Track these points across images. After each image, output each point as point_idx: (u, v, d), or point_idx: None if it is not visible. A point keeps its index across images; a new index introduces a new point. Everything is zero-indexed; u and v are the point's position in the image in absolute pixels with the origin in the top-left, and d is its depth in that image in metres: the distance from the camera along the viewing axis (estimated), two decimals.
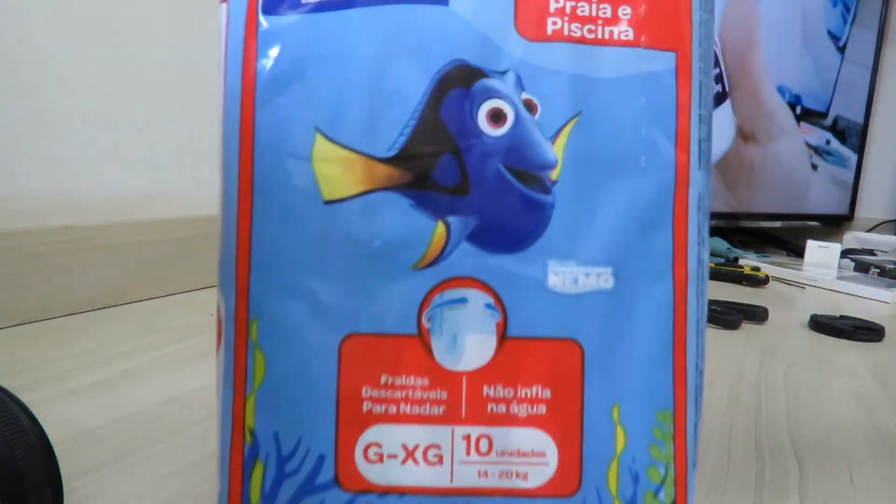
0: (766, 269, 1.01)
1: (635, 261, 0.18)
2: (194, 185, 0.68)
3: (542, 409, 0.18)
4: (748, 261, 1.07)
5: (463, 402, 0.18)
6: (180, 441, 0.33)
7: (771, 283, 0.95)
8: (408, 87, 0.18)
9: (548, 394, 0.18)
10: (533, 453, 0.18)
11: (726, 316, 0.65)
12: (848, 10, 1.30)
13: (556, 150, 0.18)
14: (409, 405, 0.18)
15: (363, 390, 0.17)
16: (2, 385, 0.23)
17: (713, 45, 0.19)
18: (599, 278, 0.18)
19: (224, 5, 0.19)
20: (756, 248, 1.31)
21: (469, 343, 0.18)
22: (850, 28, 1.31)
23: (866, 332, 0.63)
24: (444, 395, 0.18)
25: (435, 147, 0.18)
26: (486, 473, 0.18)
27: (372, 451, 0.18)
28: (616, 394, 0.18)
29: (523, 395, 0.18)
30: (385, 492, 0.17)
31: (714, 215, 1.18)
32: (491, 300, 0.18)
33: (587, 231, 0.18)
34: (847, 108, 1.35)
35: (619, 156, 0.18)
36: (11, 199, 0.52)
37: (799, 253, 1.24)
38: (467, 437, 0.18)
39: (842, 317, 0.68)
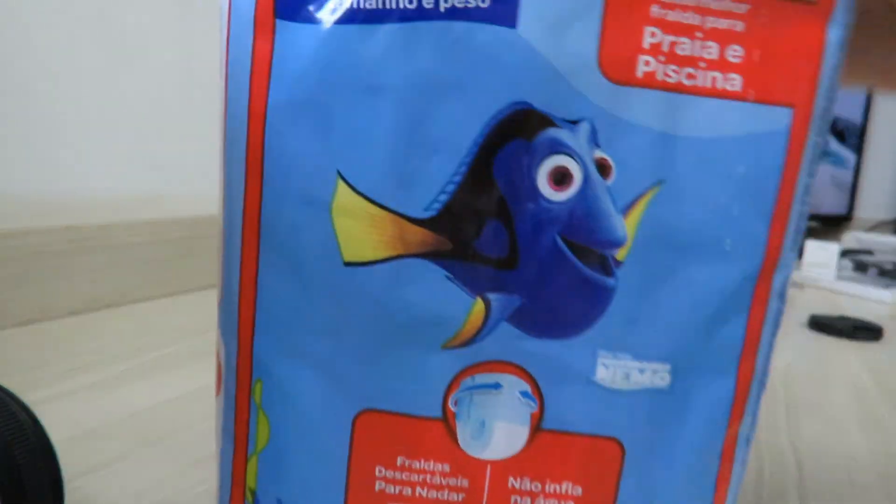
0: None
1: (698, 357, 0.16)
2: (194, 185, 0.68)
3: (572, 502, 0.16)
4: None
5: (485, 491, 0.16)
6: (180, 441, 0.33)
7: None
8: (455, 132, 0.14)
9: (579, 491, 0.16)
10: None
11: None
12: None
13: (627, 226, 0.15)
14: (426, 489, 0.16)
15: (377, 469, 0.16)
16: (2, 385, 0.23)
17: (836, 96, 0.15)
18: (655, 375, 0.16)
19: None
20: None
21: (498, 431, 0.16)
22: None
23: (865, 331, 0.63)
24: (466, 483, 0.16)
25: (482, 210, 0.14)
26: None
27: None
28: (652, 496, 0.16)
29: (551, 490, 0.16)
30: None
31: None
32: (528, 388, 0.16)
33: (649, 321, 0.15)
34: (846, 108, 1.35)
35: (700, 236, 0.15)
36: (11, 199, 0.52)
37: (798, 253, 1.24)
38: None
39: (841, 317, 0.68)
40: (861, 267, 1.02)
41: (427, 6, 0.14)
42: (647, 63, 0.14)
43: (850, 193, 1.39)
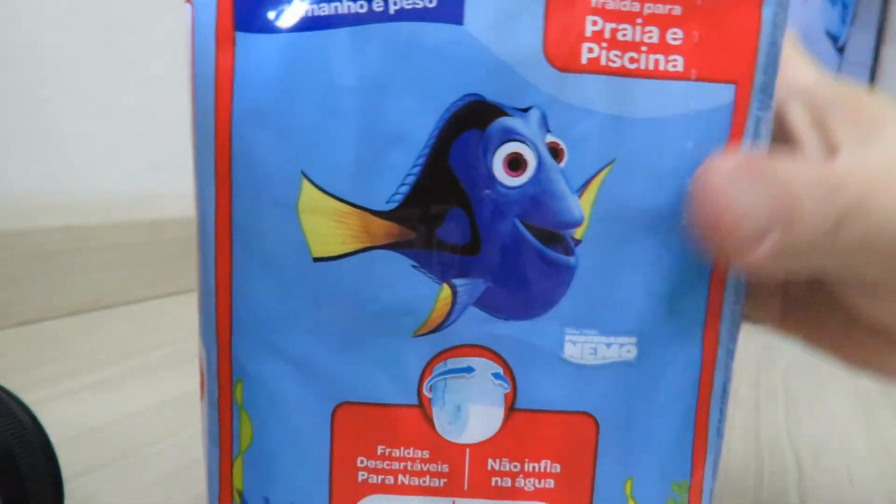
0: None
1: (663, 328, 0.16)
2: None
3: (551, 483, 0.16)
4: None
5: (466, 475, 0.16)
6: (180, 441, 0.33)
7: None
8: (411, 126, 0.15)
9: (557, 468, 0.16)
10: None
11: None
12: (847, 10, 1.30)
13: (583, 205, 0.15)
14: (407, 476, 0.16)
15: (358, 460, 0.16)
16: (2, 385, 0.23)
17: (777, 70, 0.16)
18: (622, 349, 0.16)
19: (189, 9, 0.15)
20: None
21: (473, 415, 0.16)
22: (848, 28, 1.31)
23: None
24: (446, 468, 0.16)
25: (442, 199, 0.15)
26: None
27: None
28: (630, 468, 0.17)
29: (531, 469, 0.16)
30: None
31: None
32: (500, 370, 0.16)
33: (612, 296, 0.16)
34: None
35: (655, 210, 0.15)
36: (11, 199, 0.52)
37: None
38: None
39: None
40: None
41: (377, 9, 0.14)
42: (590, 50, 0.15)
43: None
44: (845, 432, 0.40)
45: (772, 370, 0.51)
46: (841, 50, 1.31)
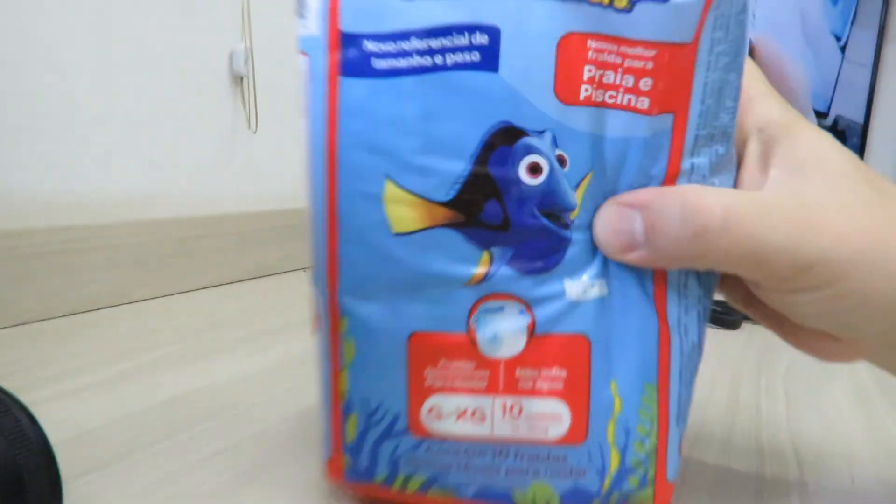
0: None
1: (625, 271, 0.24)
2: (194, 185, 0.69)
3: (560, 384, 0.24)
4: None
5: (500, 380, 0.24)
6: (180, 441, 0.33)
7: None
8: (461, 143, 0.22)
9: (564, 373, 0.24)
10: (552, 416, 0.24)
11: (726, 316, 0.65)
12: (848, 9, 1.30)
13: (577, 196, 0.23)
14: (460, 381, 0.24)
15: (426, 371, 0.24)
16: (2, 385, 0.23)
17: (725, 98, 0.22)
18: (602, 288, 0.23)
19: (304, 59, 0.22)
20: None
21: (505, 340, 0.23)
22: (850, 28, 1.31)
23: None
24: (486, 375, 0.24)
25: (483, 193, 0.22)
26: (517, 428, 0.24)
27: (434, 412, 0.24)
28: (613, 372, 0.24)
29: (545, 375, 0.24)
30: (443, 439, 0.24)
31: None
32: (523, 308, 0.23)
33: (592, 256, 0.23)
34: (847, 107, 1.35)
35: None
36: (12, 199, 0.52)
37: None
38: (503, 405, 0.24)
39: None
40: None
41: (438, 63, 0.21)
42: (586, 90, 0.21)
43: None
44: (846, 432, 0.40)
45: (773, 370, 0.51)
46: (843, 49, 1.31)
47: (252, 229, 0.74)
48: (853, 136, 1.38)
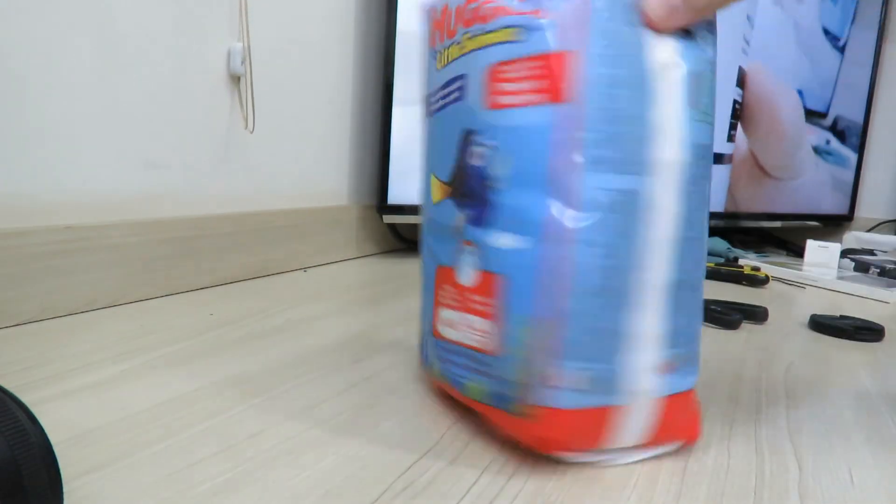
0: (766, 269, 1.01)
1: (530, 229, 0.32)
2: (191, 185, 0.68)
3: (489, 308, 0.33)
4: (748, 261, 1.07)
5: (462, 299, 0.35)
6: (180, 441, 0.33)
7: (771, 283, 0.95)
8: (449, 145, 0.36)
9: (493, 301, 0.33)
10: (482, 330, 0.34)
11: (726, 316, 0.65)
12: (848, 9, 1.30)
13: (501, 169, 0.33)
14: (449, 299, 0.37)
15: (439, 291, 0.38)
16: (2, 385, 0.23)
17: (618, 95, 0.30)
18: (515, 240, 0.32)
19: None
20: (756, 248, 1.31)
21: (468, 273, 0.35)
22: (849, 28, 1.31)
23: (866, 332, 0.63)
24: (457, 295, 0.36)
25: (461, 176, 0.35)
26: (467, 337, 0.35)
27: (440, 321, 0.38)
28: (526, 310, 0.32)
29: (481, 300, 0.34)
30: (444, 340, 0.37)
31: (714, 215, 1.18)
32: (475, 250, 0.34)
33: (514, 217, 0.32)
34: (847, 107, 1.35)
35: (521, 170, 0.32)
36: (11, 199, 0.52)
37: (799, 253, 1.24)
38: (463, 319, 0.35)
39: (842, 317, 0.68)
40: (862, 267, 1.02)
41: (444, 104, 0.37)
42: (504, 100, 0.32)
43: (851, 193, 1.39)
44: (846, 432, 0.40)
45: (773, 371, 0.51)
46: (842, 49, 1.31)
47: (250, 229, 0.74)
48: (853, 136, 1.38)
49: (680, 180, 0.31)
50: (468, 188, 0.34)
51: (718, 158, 1.16)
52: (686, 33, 0.32)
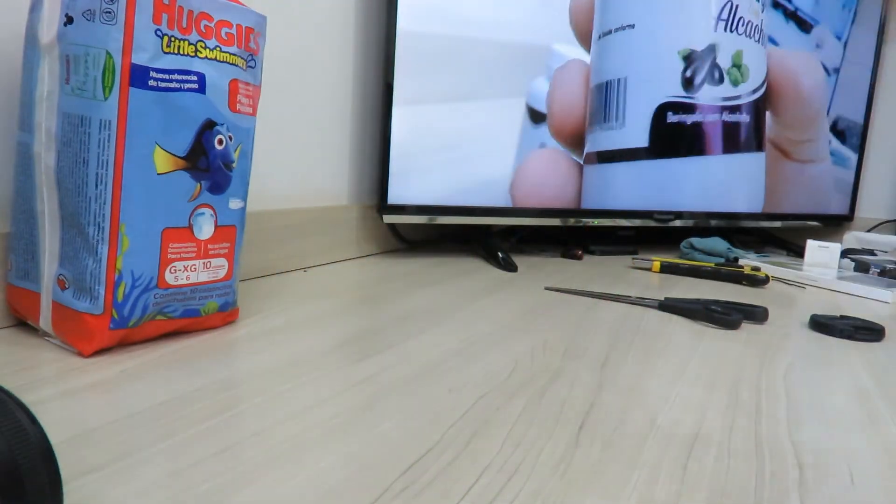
0: (766, 269, 1.01)
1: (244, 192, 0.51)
2: None
3: (226, 250, 0.51)
4: (748, 261, 1.07)
5: (202, 250, 0.49)
6: (180, 441, 0.33)
7: (771, 283, 0.95)
8: (188, 128, 0.46)
9: (227, 245, 0.51)
10: (221, 266, 0.51)
11: (726, 316, 0.65)
12: (848, 9, 1.30)
13: (234, 155, 0.50)
14: (184, 252, 0.48)
15: (168, 248, 0.46)
16: (2, 385, 0.23)
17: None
18: (242, 203, 0.51)
19: None
20: (756, 248, 1.31)
21: (206, 229, 0.49)
22: (850, 27, 1.31)
23: (866, 332, 0.63)
24: (194, 247, 0.48)
25: (199, 153, 0.47)
26: (209, 275, 0.50)
27: (171, 272, 0.47)
28: (239, 243, 0.52)
29: (220, 246, 0.51)
30: (176, 287, 0.48)
31: (714, 215, 1.18)
32: (213, 212, 0.49)
33: (240, 187, 0.51)
34: (847, 107, 1.35)
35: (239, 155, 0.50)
36: (12, 199, 0.52)
37: (799, 253, 1.24)
38: (205, 264, 0.49)
39: (842, 317, 0.68)
40: (862, 267, 1.02)
41: (179, 87, 0.46)
42: (238, 107, 0.50)
43: (851, 193, 1.39)
44: (846, 432, 0.40)
45: (773, 371, 0.51)
46: (843, 49, 1.31)
47: (250, 229, 0.74)
48: (853, 136, 1.38)
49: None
50: (209, 165, 0.47)
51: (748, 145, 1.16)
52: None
